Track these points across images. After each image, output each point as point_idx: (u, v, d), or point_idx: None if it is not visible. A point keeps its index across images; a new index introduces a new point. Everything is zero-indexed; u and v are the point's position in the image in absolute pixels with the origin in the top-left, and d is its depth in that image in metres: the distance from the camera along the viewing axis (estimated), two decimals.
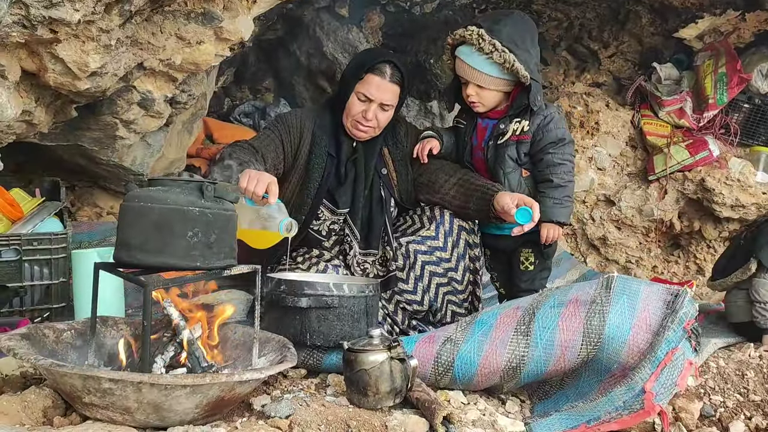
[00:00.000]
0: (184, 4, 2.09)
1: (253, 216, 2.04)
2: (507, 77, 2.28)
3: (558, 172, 2.31)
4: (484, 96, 2.33)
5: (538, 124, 2.32)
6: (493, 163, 2.37)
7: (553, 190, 2.29)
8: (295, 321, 1.89)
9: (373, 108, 2.31)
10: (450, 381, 1.85)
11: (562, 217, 2.29)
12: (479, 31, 2.24)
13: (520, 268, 2.41)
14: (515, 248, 2.41)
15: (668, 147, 3.85)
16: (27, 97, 1.93)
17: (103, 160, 2.79)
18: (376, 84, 2.29)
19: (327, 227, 2.41)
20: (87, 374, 1.35)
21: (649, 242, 4.05)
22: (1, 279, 2.25)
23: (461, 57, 2.32)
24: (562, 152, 2.32)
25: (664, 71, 3.98)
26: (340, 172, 2.40)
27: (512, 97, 2.35)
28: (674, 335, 1.70)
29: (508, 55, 2.22)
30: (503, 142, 2.35)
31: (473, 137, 2.44)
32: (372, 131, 2.36)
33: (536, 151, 2.34)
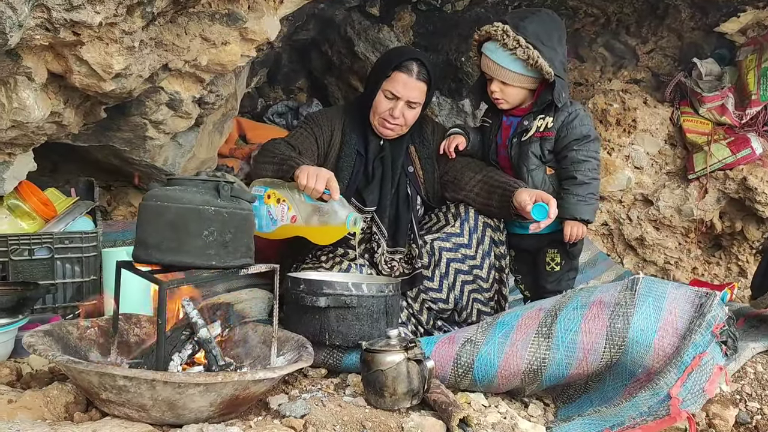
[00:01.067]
0: (208, 5, 2.11)
1: (312, 211, 2.06)
2: (531, 74, 2.27)
3: (582, 169, 2.29)
4: (508, 93, 2.32)
5: (563, 121, 2.31)
6: (517, 160, 2.36)
7: (577, 187, 2.28)
8: (315, 320, 1.89)
9: (399, 106, 2.31)
10: (470, 383, 1.82)
11: (585, 214, 2.26)
12: (504, 27, 2.24)
13: (545, 269, 2.39)
14: (540, 248, 2.39)
15: (709, 145, 3.73)
16: (56, 99, 1.97)
17: (136, 160, 2.84)
18: (402, 82, 2.30)
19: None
20: (102, 371, 1.37)
21: (688, 243, 3.93)
22: (35, 276, 2.30)
23: (486, 53, 2.32)
24: (587, 149, 2.30)
25: (705, 67, 3.86)
26: (368, 170, 2.40)
27: (537, 94, 2.34)
28: (702, 339, 1.65)
29: (531, 51, 2.21)
30: (527, 139, 2.34)
31: (498, 135, 2.43)
32: (399, 129, 2.36)
33: (560, 148, 2.33)
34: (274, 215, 2.02)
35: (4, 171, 2.22)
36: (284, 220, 2.04)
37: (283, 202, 2.03)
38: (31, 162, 2.31)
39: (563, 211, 2.25)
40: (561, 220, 2.28)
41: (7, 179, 2.24)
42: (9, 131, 1.91)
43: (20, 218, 2.37)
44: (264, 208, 2.02)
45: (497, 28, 2.25)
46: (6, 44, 1.49)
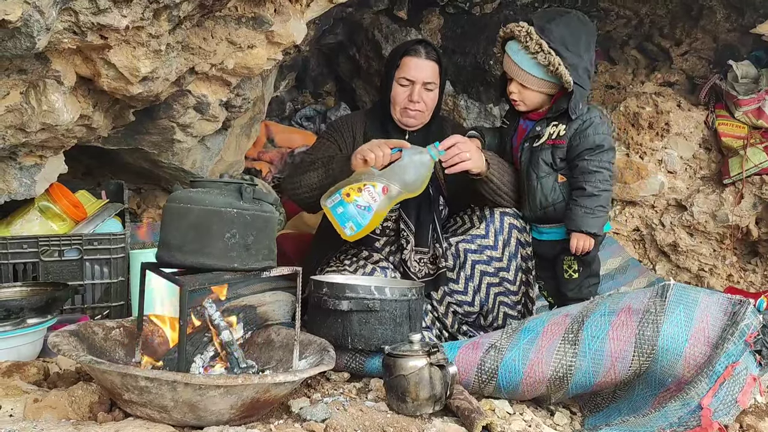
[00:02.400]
0: (235, 9, 2.12)
1: (396, 173, 2.06)
2: (551, 80, 2.21)
3: (591, 180, 2.20)
4: (526, 95, 2.28)
5: (576, 129, 2.24)
6: (527, 166, 2.31)
7: (585, 199, 2.20)
8: (337, 324, 1.88)
9: (417, 89, 2.33)
10: (494, 389, 1.79)
11: (592, 227, 2.18)
12: (528, 29, 2.17)
13: (564, 277, 2.33)
14: (556, 255, 2.33)
15: (744, 149, 3.63)
16: (85, 102, 2.00)
17: (165, 163, 2.87)
18: (413, 64, 2.33)
19: (381, 224, 2.39)
20: (124, 372, 1.37)
21: (723, 249, 3.83)
22: (64, 277, 2.34)
23: (508, 52, 2.27)
24: (599, 159, 2.22)
25: (741, 69, 3.75)
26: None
27: (554, 99, 2.28)
28: (735, 348, 1.59)
29: (553, 58, 2.14)
30: (538, 145, 2.29)
31: (513, 138, 2.40)
32: (421, 115, 2.37)
33: (573, 157, 2.25)
34: (363, 204, 2.01)
35: (35, 173, 2.25)
36: (377, 200, 2.02)
37: (364, 187, 2.02)
38: (62, 164, 2.35)
39: (570, 222, 2.21)
40: (568, 231, 2.23)
41: (38, 181, 2.27)
42: (39, 134, 1.94)
43: (51, 220, 2.41)
44: (351, 206, 2.00)
45: (521, 28, 2.19)
46: (34, 47, 1.51)
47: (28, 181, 2.25)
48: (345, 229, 1.99)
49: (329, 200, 1.99)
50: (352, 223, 1.99)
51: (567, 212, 2.22)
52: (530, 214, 2.33)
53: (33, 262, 2.29)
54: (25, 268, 2.29)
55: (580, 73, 2.19)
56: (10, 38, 1.47)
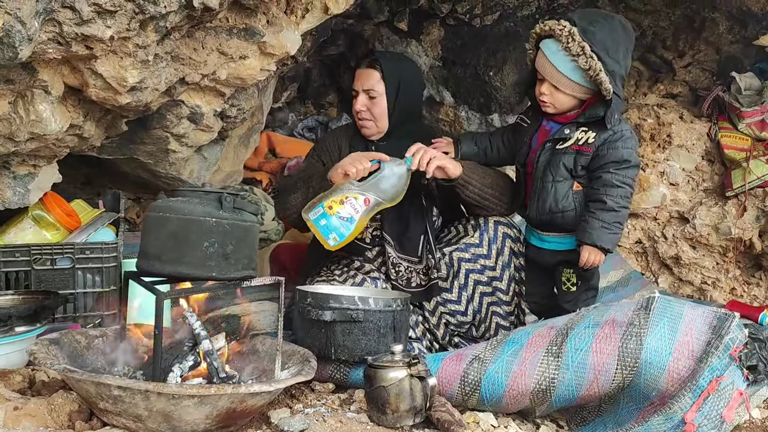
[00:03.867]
0: (225, 20, 2.13)
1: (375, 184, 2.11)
2: (587, 85, 2.11)
3: (613, 194, 2.10)
4: (558, 98, 2.17)
5: (605, 139, 2.14)
6: (545, 167, 2.21)
7: (604, 213, 2.10)
8: (321, 334, 1.87)
9: (359, 98, 2.38)
10: (477, 402, 1.77)
11: (607, 243, 2.09)
12: (571, 29, 2.05)
13: (562, 289, 2.27)
14: (555, 265, 2.27)
15: (747, 161, 3.60)
16: (75, 112, 2.01)
17: (162, 173, 2.88)
18: (357, 75, 2.41)
19: (370, 234, 2.39)
20: (98, 381, 1.38)
21: (726, 263, 3.78)
22: (56, 286, 2.35)
23: (545, 51, 2.14)
24: (624, 175, 2.12)
25: (744, 81, 3.73)
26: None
27: (586, 105, 2.18)
28: (719, 362, 1.57)
29: (595, 63, 2.04)
30: (563, 148, 2.19)
31: (533, 138, 2.30)
32: (371, 123, 2.39)
33: (596, 167, 2.15)
34: (346, 216, 2.04)
35: (29, 182, 2.27)
36: (359, 211, 2.06)
37: (346, 199, 2.05)
38: (56, 173, 2.36)
39: (584, 235, 2.11)
40: (579, 243, 2.13)
41: (32, 190, 2.29)
42: (28, 143, 1.96)
43: (44, 228, 2.42)
44: (334, 218, 2.03)
45: (563, 27, 2.06)
46: (16, 57, 1.52)
47: (22, 190, 2.26)
48: (329, 240, 2.01)
49: (312, 213, 2.01)
50: (335, 234, 2.00)
51: (582, 224, 2.13)
52: (535, 216, 2.26)
53: (25, 271, 2.30)
54: (17, 277, 2.30)
55: (618, 80, 2.10)
56: None
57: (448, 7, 3.61)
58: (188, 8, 1.85)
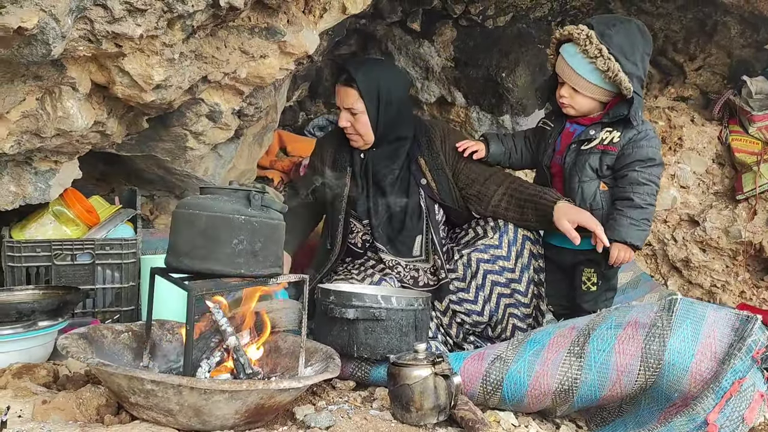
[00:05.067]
0: (248, 19, 2.15)
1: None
2: (606, 87, 2.16)
3: (640, 192, 2.15)
4: (578, 100, 2.22)
5: (630, 138, 2.19)
6: (571, 168, 2.25)
7: (632, 210, 2.13)
8: (343, 332, 1.89)
9: (342, 115, 2.38)
10: (499, 401, 1.79)
11: (637, 240, 2.12)
12: (589, 33, 2.11)
13: (581, 288, 2.29)
14: (575, 264, 2.29)
15: (758, 165, 3.62)
16: (99, 109, 2.03)
17: (177, 170, 2.90)
18: (337, 92, 2.41)
19: (360, 239, 2.42)
20: (131, 375, 1.39)
21: (736, 266, 3.80)
22: (76, 281, 2.37)
23: (564, 55, 2.21)
24: (649, 173, 2.17)
25: (755, 85, 3.74)
26: (355, 182, 2.44)
27: (609, 106, 2.22)
28: (742, 364, 1.58)
29: (613, 64, 2.08)
30: (588, 148, 2.23)
31: (557, 141, 2.33)
32: (358, 137, 2.41)
33: (621, 166, 2.20)
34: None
35: (50, 178, 2.29)
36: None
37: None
38: (77, 170, 2.38)
39: (613, 232, 2.13)
40: (609, 241, 2.14)
41: (53, 186, 2.31)
42: (54, 139, 1.97)
43: (65, 224, 2.44)
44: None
45: (581, 31, 2.13)
46: (49, 54, 1.54)
47: (43, 186, 2.28)
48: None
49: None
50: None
51: (610, 222, 2.15)
52: None
53: (46, 266, 2.32)
54: (38, 272, 2.32)
55: (636, 81, 2.13)
56: (27, 45, 1.50)
57: (462, 8, 3.63)
58: (214, 7, 1.86)
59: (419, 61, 3.78)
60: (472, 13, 3.65)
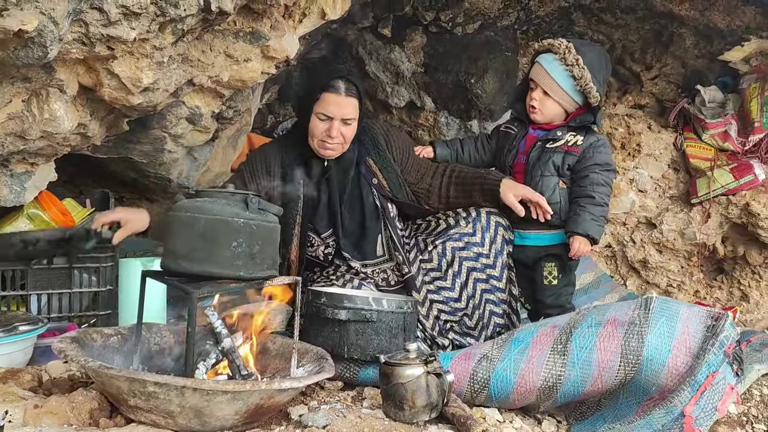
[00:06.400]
0: (233, 23, 2.16)
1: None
2: (573, 96, 2.43)
3: (600, 192, 2.40)
4: (546, 104, 2.47)
5: (592, 143, 2.45)
6: (535, 162, 2.46)
7: (593, 207, 2.37)
8: (334, 333, 1.92)
9: (335, 125, 2.31)
10: (486, 398, 1.85)
11: (596, 233, 2.35)
12: (568, 44, 2.40)
13: (543, 283, 2.46)
14: (537, 260, 2.46)
15: (712, 170, 3.79)
16: (83, 111, 2.01)
17: (151, 173, 2.87)
18: (333, 101, 2.31)
19: (322, 252, 2.44)
20: (133, 377, 1.39)
21: (691, 266, 3.97)
22: (53, 286, 2.33)
23: (542, 62, 2.46)
24: (607, 176, 2.43)
25: (709, 94, 3.92)
26: (312, 197, 2.41)
27: (571, 116, 2.48)
28: (715, 359, 1.68)
29: (586, 73, 2.36)
30: (553, 147, 2.46)
31: (521, 144, 2.55)
32: (339, 147, 2.37)
33: (581, 168, 2.43)
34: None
35: (25, 180, 2.25)
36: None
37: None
38: (52, 172, 2.35)
39: (576, 225, 2.35)
40: (569, 234, 2.37)
41: (28, 188, 2.27)
42: (38, 141, 1.95)
43: (40, 227, 2.39)
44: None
45: (561, 43, 2.40)
46: (45, 57, 1.53)
47: (18, 188, 2.24)
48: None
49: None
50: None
51: (572, 216, 2.37)
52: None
53: (22, 269, 2.28)
54: (14, 275, 2.27)
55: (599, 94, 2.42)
56: (23, 48, 1.49)
57: (432, 15, 3.69)
58: (205, 11, 1.87)
59: (390, 66, 3.83)
60: (442, 20, 3.72)
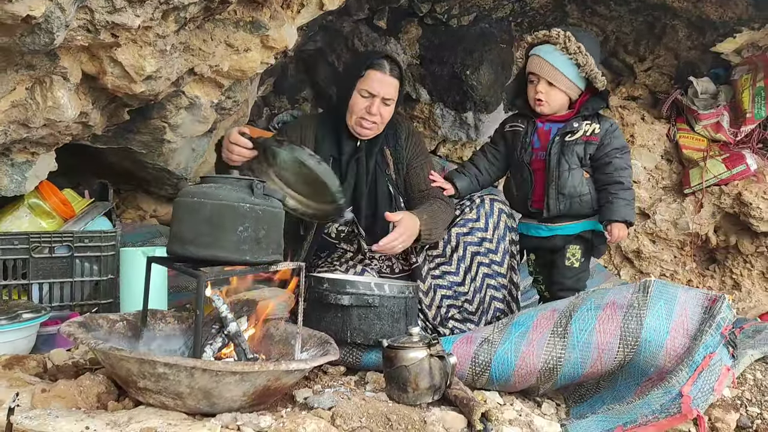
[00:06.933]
0: (234, 12, 2.18)
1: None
2: (578, 83, 2.40)
3: (626, 175, 2.39)
4: (552, 95, 2.41)
5: (607, 129, 2.42)
6: (558, 159, 2.41)
7: (624, 192, 2.36)
8: (337, 318, 1.94)
9: (376, 103, 2.35)
10: (487, 381, 1.88)
11: (632, 217, 2.37)
12: (567, 33, 2.35)
13: (565, 264, 2.46)
14: (563, 246, 2.47)
15: (704, 161, 3.84)
16: (85, 99, 2.03)
17: (149, 163, 2.89)
18: (377, 79, 2.34)
19: (336, 229, 2.46)
20: (143, 358, 1.41)
21: (684, 256, 4.02)
22: (54, 275, 2.34)
23: (540, 54, 2.40)
24: (627, 158, 2.43)
25: (701, 85, 3.97)
26: (341, 172, 2.44)
27: (578, 104, 2.44)
28: (712, 340, 1.72)
29: (590, 59, 2.34)
30: (573, 140, 2.41)
31: (533, 140, 2.50)
32: (376, 127, 2.40)
33: (602, 155, 2.41)
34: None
35: (26, 170, 2.26)
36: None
37: None
38: (53, 162, 2.36)
39: (612, 213, 2.35)
40: (606, 223, 2.37)
41: (29, 178, 2.28)
42: (41, 129, 1.96)
43: (40, 217, 2.41)
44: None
45: (558, 33, 2.36)
46: (52, 43, 1.54)
47: (19, 178, 2.26)
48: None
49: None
50: None
51: (606, 205, 2.36)
52: (554, 206, 2.43)
53: (23, 259, 2.29)
54: (15, 265, 2.28)
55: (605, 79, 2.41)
56: (30, 34, 1.50)
57: (428, 7, 3.72)
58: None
59: None
60: (437, 12, 3.74)
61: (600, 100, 2.44)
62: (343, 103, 2.41)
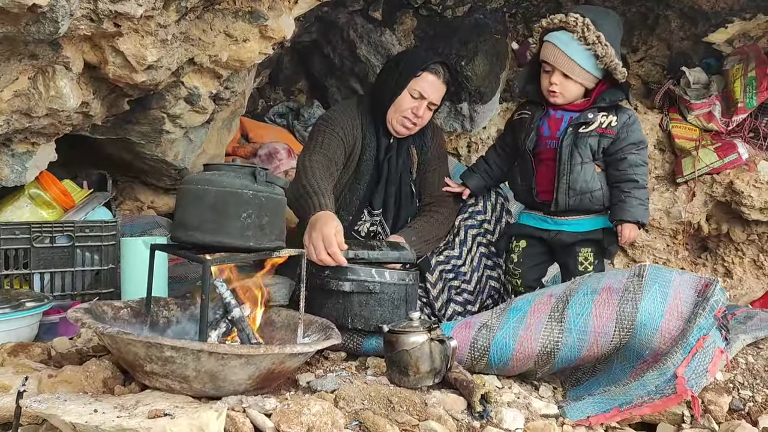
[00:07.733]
0: (233, 2, 2.19)
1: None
2: (596, 73, 2.25)
3: (641, 173, 2.26)
4: (567, 87, 2.26)
5: (624, 122, 2.28)
6: (570, 150, 2.28)
7: (639, 191, 2.24)
8: (338, 305, 1.97)
9: (423, 105, 2.37)
10: (486, 365, 1.91)
11: (645, 218, 2.24)
12: (585, 21, 2.17)
13: (578, 269, 2.33)
14: (572, 244, 2.35)
15: (696, 150, 3.88)
16: (87, 89, 2.04)
17: (147, 154, 2.90)
18: (431, 82, 2.36)
19: (366, 228, 2.49)
20: (150, 341, 1.43)
21: (676, 244, 4.07)
22: (55, 264, 2.36)
23: (556, 43, 2.24)
24: (644, 155, 2.29)
25: (693, 75, 4.00)
26: (379, 171, 2.47)
27: (595, 93, 2.30)
28: (705, 322, 1.76)
29: (610, 50, 2.17)
30: (587, 131, 2.27)
31: (543, 128, 2.36)
32: (415, 129, 2.43)
33: (617, 150, 2.28)
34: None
35: (27, 160, 2.28)
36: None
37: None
38: (53, 152, 2.37)
39: (623, 213, 2.24)
40: (616, 223, 2.26)
41: (29, 168, 2.30)
42: (42, 119, 1.98)
43: (41, 207, 2.42)
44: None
45: (576, 19, 2.18)
46: (56, 32, 1.56)
47: (20, 168, 2.27)
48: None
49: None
50: None
51: (618, 204, 2.25)
52: (563, 199, 2.31)
53: (25, 248, 2.30)
54: (17, 254, 2.30)
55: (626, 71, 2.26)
56: (35, 23, 1.52)
57: None
58: None
59: (381, 49, 3.86)
60: (432, 2, 3.76)
61: (619, 91, 2.28)
62: (389, 98, 2.39)
